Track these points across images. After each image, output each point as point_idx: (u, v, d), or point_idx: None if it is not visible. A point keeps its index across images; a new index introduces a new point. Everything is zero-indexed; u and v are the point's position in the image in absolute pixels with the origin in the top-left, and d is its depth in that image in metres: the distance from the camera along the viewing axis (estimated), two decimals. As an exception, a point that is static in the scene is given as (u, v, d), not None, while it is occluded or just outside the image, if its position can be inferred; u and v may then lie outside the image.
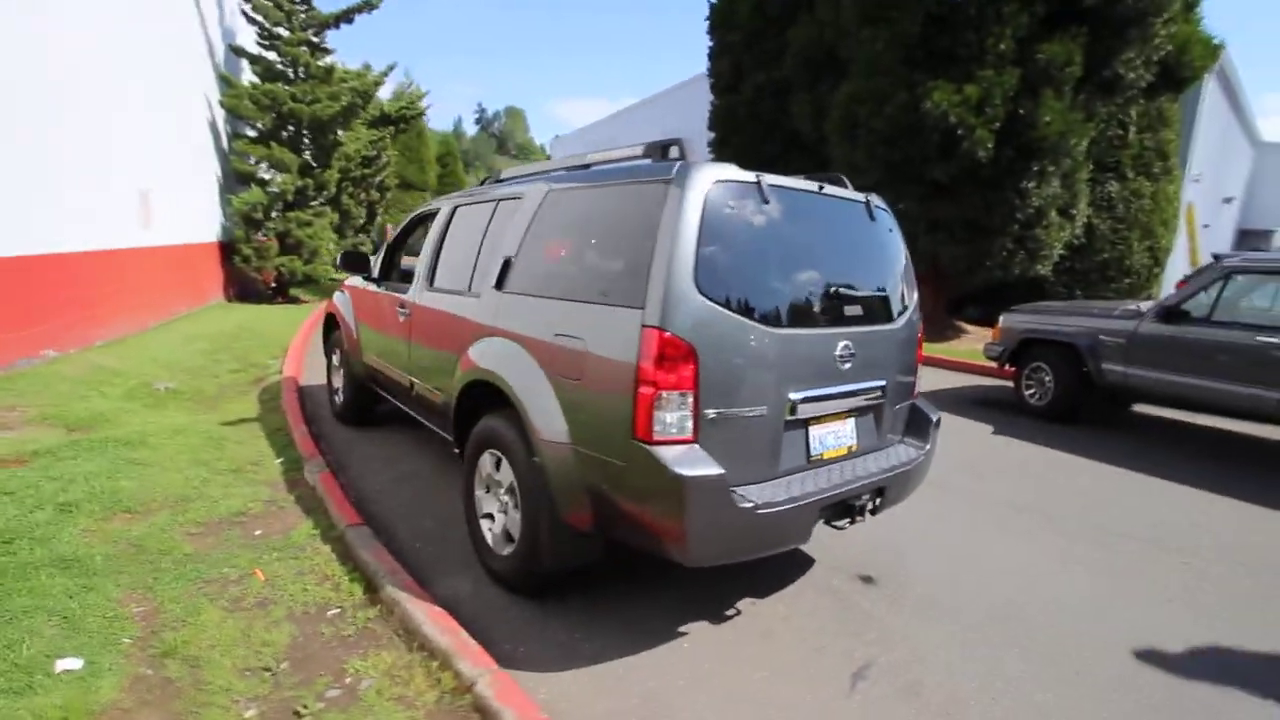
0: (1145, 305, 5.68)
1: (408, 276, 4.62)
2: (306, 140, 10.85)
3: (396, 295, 3.98)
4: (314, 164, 10.94)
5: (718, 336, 2.14)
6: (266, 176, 10.78)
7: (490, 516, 2.90)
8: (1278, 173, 18.89)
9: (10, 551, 2.70)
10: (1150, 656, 2.57)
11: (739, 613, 2.75)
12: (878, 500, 2.60)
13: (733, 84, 12.11)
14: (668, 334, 2.06)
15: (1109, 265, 10.58)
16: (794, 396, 2.35)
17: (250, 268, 10.70)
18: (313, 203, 11.18)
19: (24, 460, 3.68)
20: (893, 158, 9.01)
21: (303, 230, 10.91)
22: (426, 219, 4.27)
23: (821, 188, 2.71)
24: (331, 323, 5.24)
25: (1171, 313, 5.31)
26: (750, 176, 2.38)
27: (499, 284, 2.86)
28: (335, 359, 5.12)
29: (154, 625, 2.37)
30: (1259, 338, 4.79)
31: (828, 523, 2.46)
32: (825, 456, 2.53)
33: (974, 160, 8.55)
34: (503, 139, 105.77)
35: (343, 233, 12.40)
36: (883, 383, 2.72)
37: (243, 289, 11.41)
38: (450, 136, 38.99)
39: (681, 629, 2.62)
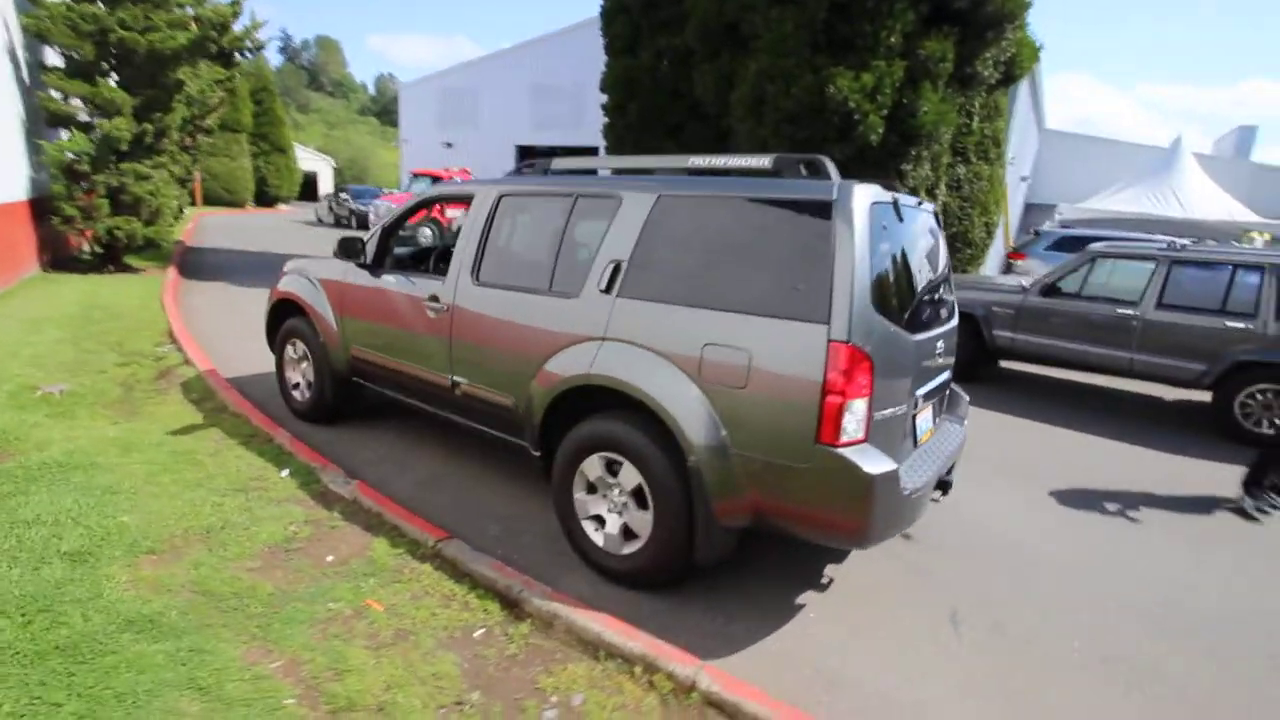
0: (1028, 281, 6.83)
1: (407, 265, 4.27)
2: (139, 78, 9.02)
3: (417, 287, 3.67)
4: (152, 107, 9.14)
5: (882, 345, 2.36)
6: (89, 120, 8.85)
7: (598, 518, 2.93)
8: (1057, 155, 22.93)
9: (60, 622, 2.24)
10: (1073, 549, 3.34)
11: (832, 580, 3.08)
12: (951, 472, 3.04)
13: (630, 47, 12.01)
14: (853, 347, 2.25)
15: (956, 239, 12.30)
16: (919, 393, 2.67)
17: (73, 230, 8.83)
18: (152, 154, 9.39)
19: (-44, 502, 2.95)
20: (798, 136, 9.62)
21: (141, 185, 9.17)
22: (432, 205, 3.94)
23: (920, 202, 2.99)
24: (282, 311, 4.65)
25: (1050, 289, 6.47)
26: (888, 196, 2.59)
27: (608, 288, 2.81)
28: (292, 351, 4.57)
29: (305, 680, 2.14)
30: (1116, 310, 6.03)
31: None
32: (922, 441, 2.90)
33: (866, 143, 9.44)
34: (314, 72, 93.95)
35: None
36: (950, 372, 3.14)
37: (57, 257, 9.40)
38: (264, 68, 33.98)
39: (798, 601, 2.89)
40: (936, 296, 2.99)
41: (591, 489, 2.94)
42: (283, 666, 2.18)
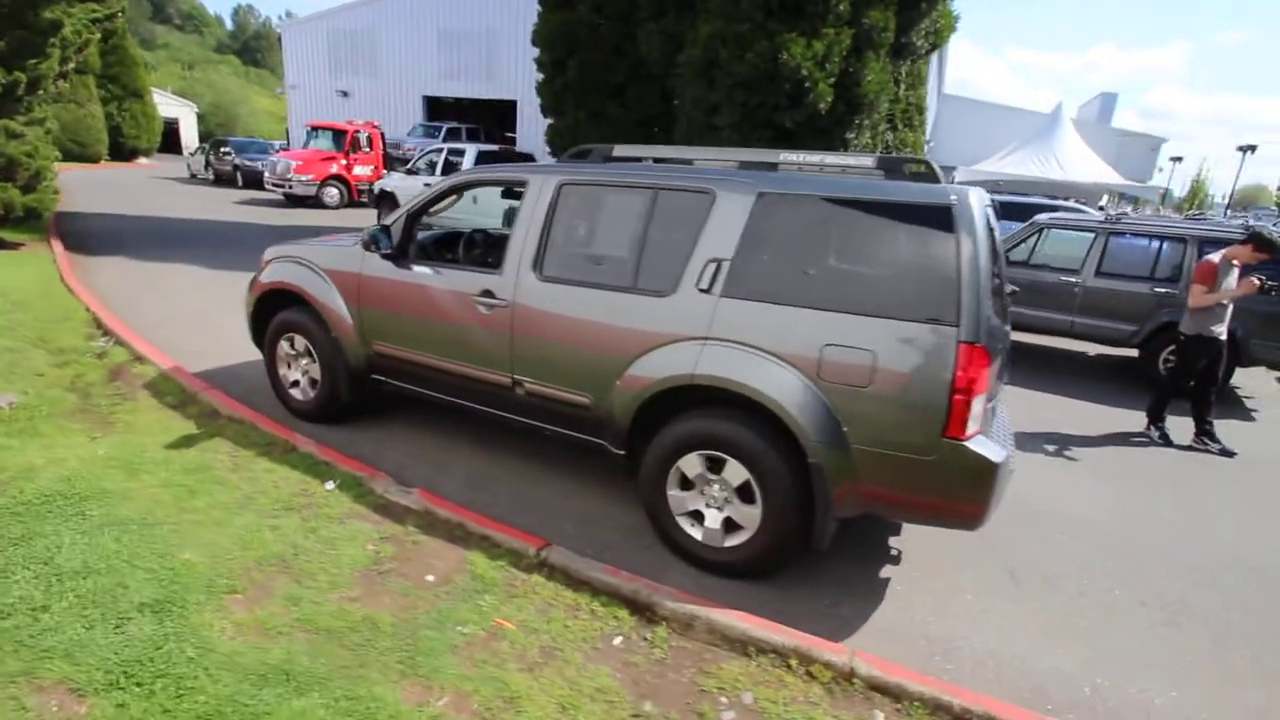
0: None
1: (437, 254, 4.00)
2: (3, 20, 7.57)
3: (462, 281, 3.45)
4: (21, 53, 7.72)
5: (991, 339, 2.52)
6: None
7: (696, 514, 2.98)
8: (952, 119, 24.42)
9: (189, 687, 2.01)
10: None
11: (900, 552, 3.32)
12: None
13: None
14: (980, 347, 2.39)
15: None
16: (1004, 379, 2.88)
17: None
18: (26, 108, 7.99)
19: (-34, 553, 2.53)
20: (750, 102, 9.67)
21: (15, 146, 7.82)
22: (463, 190, 3.69)
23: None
24: (271, 303, 4.23)
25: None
26: (988, 197, 2.71)
27: (709, 288, 2.78)
28: (289, 346, 4.19)
29: (479, 713, 2.07)
30: (1061, 276, 6.67)
31: None
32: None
33: (815, 111, 9.65)
34: (159, 1, 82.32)
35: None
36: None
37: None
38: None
39: (882, 575, 3.11)
40: (1002, 282, 3.21)
41: (686, 485, 2.98)
42: (451, 702, 2.10)
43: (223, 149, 21.89)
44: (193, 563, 2.60)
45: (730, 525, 2.91)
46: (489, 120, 22.02)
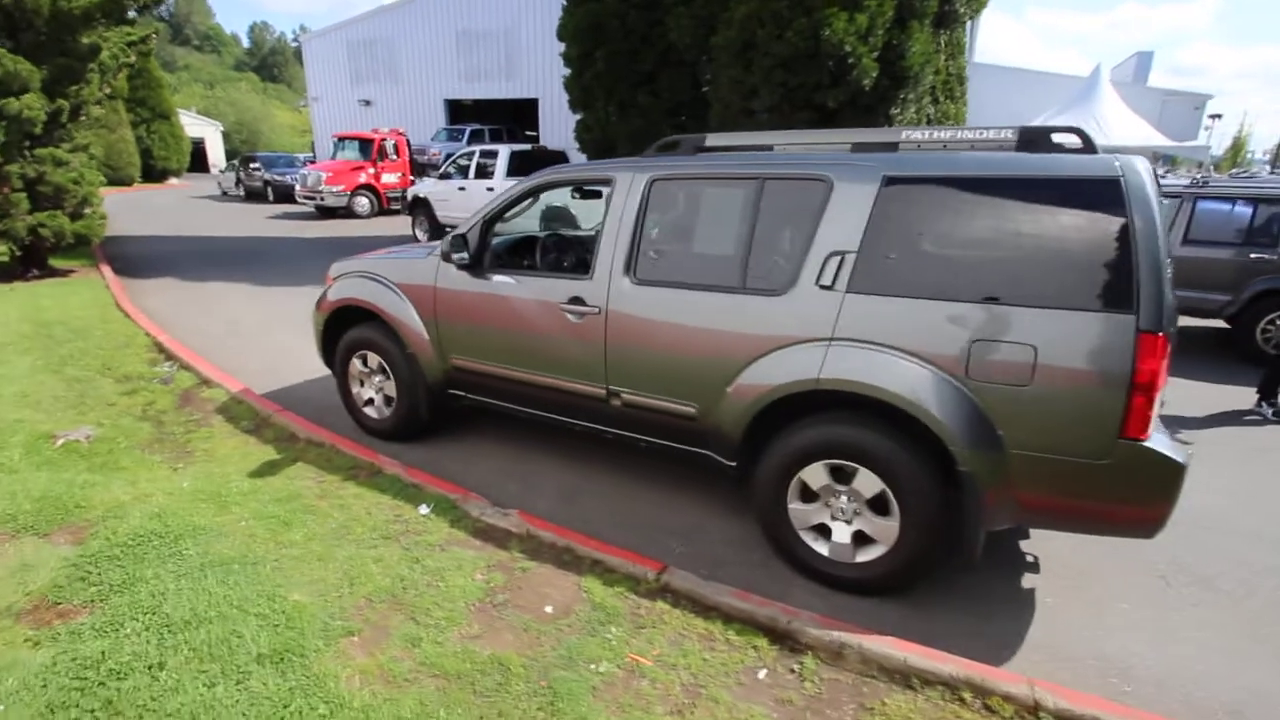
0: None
1: (515, 262, 3.83)
2: (44, 46, 7.59)
3: (546, 288, 3.27)
4: (63, 79, 7.74)
5: (1169, 325, 2.25)
6: (-16, 96, 7.40)
7: (821, 528, 2.76)
8: (984, 87, 23.58)
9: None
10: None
11: (1037, 559, 3.06)
12: None
13: (594, -9, 11.19)
14: (1162, 335, 2.13)
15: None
16: None
17: (-15, 232, 7.51)
18: (70, 135, 8.02)
19: (75, 609, 2.42)
20: (790, 83, 9.34)
21: (62, 173, 7.86)
22: (541, 191, 3.49)
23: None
24: (341, 320, 4.10)
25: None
26: (1150, 165, 2.43)
27: (832, 283, 2.55)
28: (361, 364, 4.06)
29: (638, 766, 1.89)
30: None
31: None
32: None
33: (859, 88, 9.28)
34: (177, 25, 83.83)
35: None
36: None
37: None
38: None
39: (1025, 586, 2.86)
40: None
41: (807, 497, 2.76)
42: (605, 755, 1.92)
43: (252, 165, 22.15)
44: (303, 604, 2.46)
45: (861, 539, 2.69)
46: (510, 120, 21.88)
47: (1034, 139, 2.48)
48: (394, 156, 17.94)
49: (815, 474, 2.69)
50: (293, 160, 22.91)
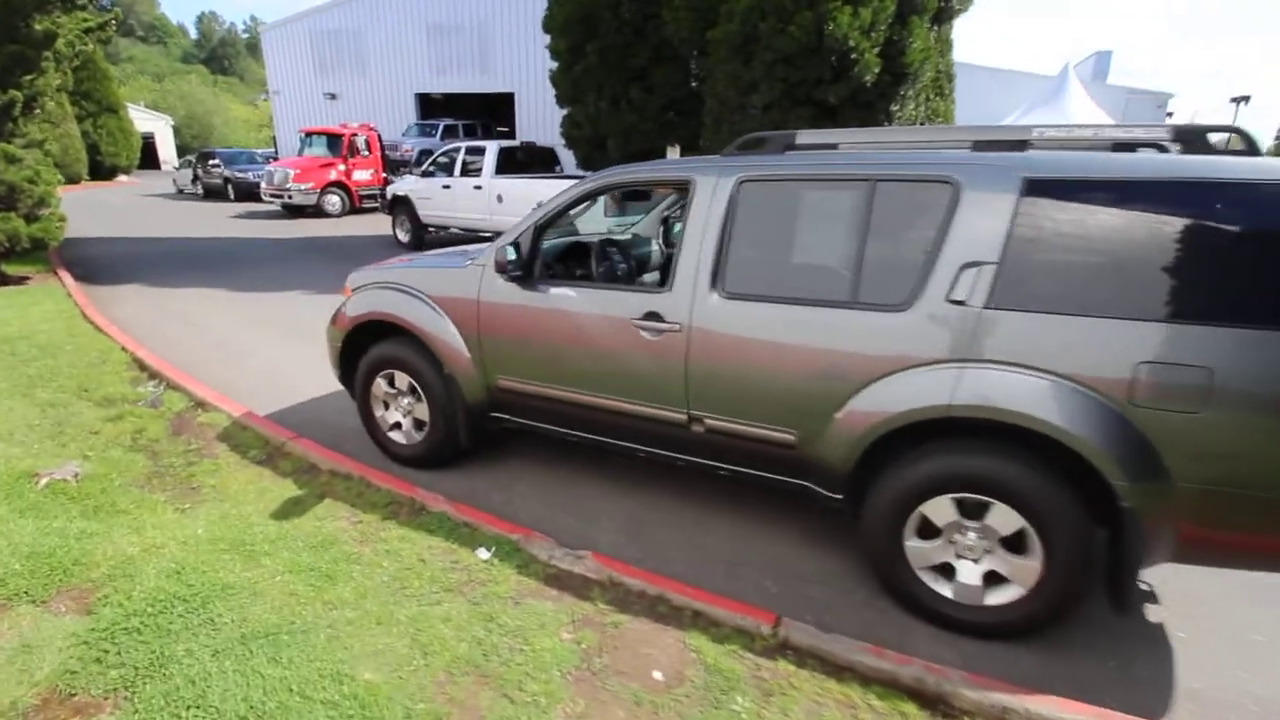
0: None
1: (571, 272, 3.49)
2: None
3: (615, 302, 2.94)
4: (15, 68, 7.03)
5: None
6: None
7: (944, 567, 2.51)
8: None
9: None
10: None
11: (1151, 587, 2.86)
12: None
13: (584, -19, 10.79)
14: (1363, 355, 1.92)
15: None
16: None
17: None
18: (21, 130, 7.31)
19: (95, 702, 2.01)
20: (791, 78, 9.12)
21: (15, 172, 7.17)
22: (601, 193, 3.16)
23: None
24: (363, 336, 3.70)
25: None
26: None
27: (966, 299, 2.29)
28: (387, 385, 3.66)
29: None
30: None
31: None
32: None
33: (861, 83, 9.11)
34: (120, 15, 79.89)
35: None
36: None
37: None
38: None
39: (1150, 620, 2.65)
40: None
41: (927, 533, 2.50)
42: None
43: (210, 161, 21.06)
44: (375, 685, 2.09)
45: (991, 579, 2.44)
46: (484, 115, 21.27)
47: (1190, 137, 2.25)
48: (366, 152, 17.20)
49: (940, 509, 2.43)
50: (254, 156, 21.87)
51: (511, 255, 3.03)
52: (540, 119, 18.48)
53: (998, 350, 2.25)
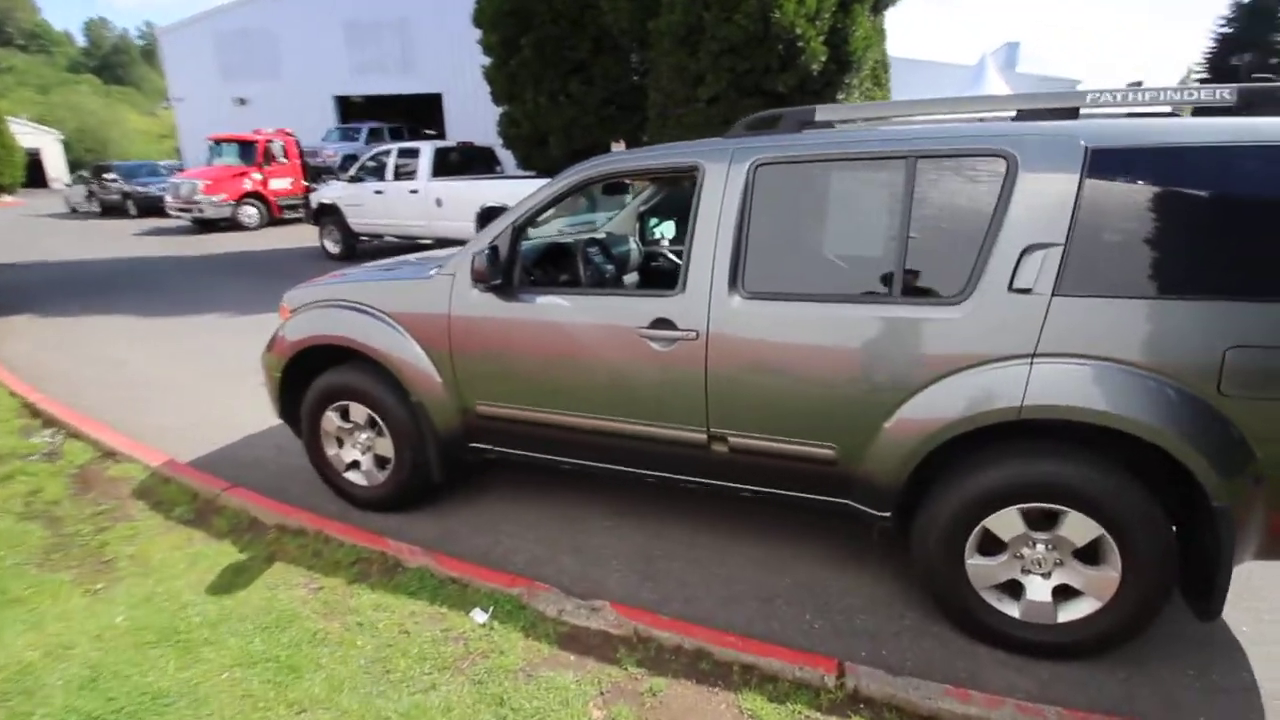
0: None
1: (541, 280, 3.07)
2: None
3: (616, 310, 2.56)
4: None
5: None
6: None
7: (1009, 585, 2.24)
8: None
9: None
10: None
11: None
12: None
13: (516, -28, 10.28)
14: None
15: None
16: None
17: None
18: None
19: None
20: (739, 68, 8.91)
21: None
22: (587, 186, 2.75)
23: None
24: (306, 363, 3.17)
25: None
26: None
27: (1030, 285, 2.02)
28: (340, 418, 3.15)
29: None
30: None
31: None
32: None
33: (808, 72, 8.99)
34: (-5, 21, 72.97)
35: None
36: None
37: None
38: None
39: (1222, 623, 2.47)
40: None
41: (990, 549, 2.23)
42: None
43: (106, 175, 19.29)
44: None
45: (1062, 594, 2.20)
46: (410, 117, 20.28)
47: (1259, 98, 2.05)
48: (283, 159, 16.05)
49: (1006, 522, 2.16)
50: (157, 169, 20.18)
51: (491, 262, 2.58)
52: (472, 120, 17.70)
53: (1070, 342, 1.99)
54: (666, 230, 4.64)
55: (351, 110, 21.35)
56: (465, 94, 18.10)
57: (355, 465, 3.22)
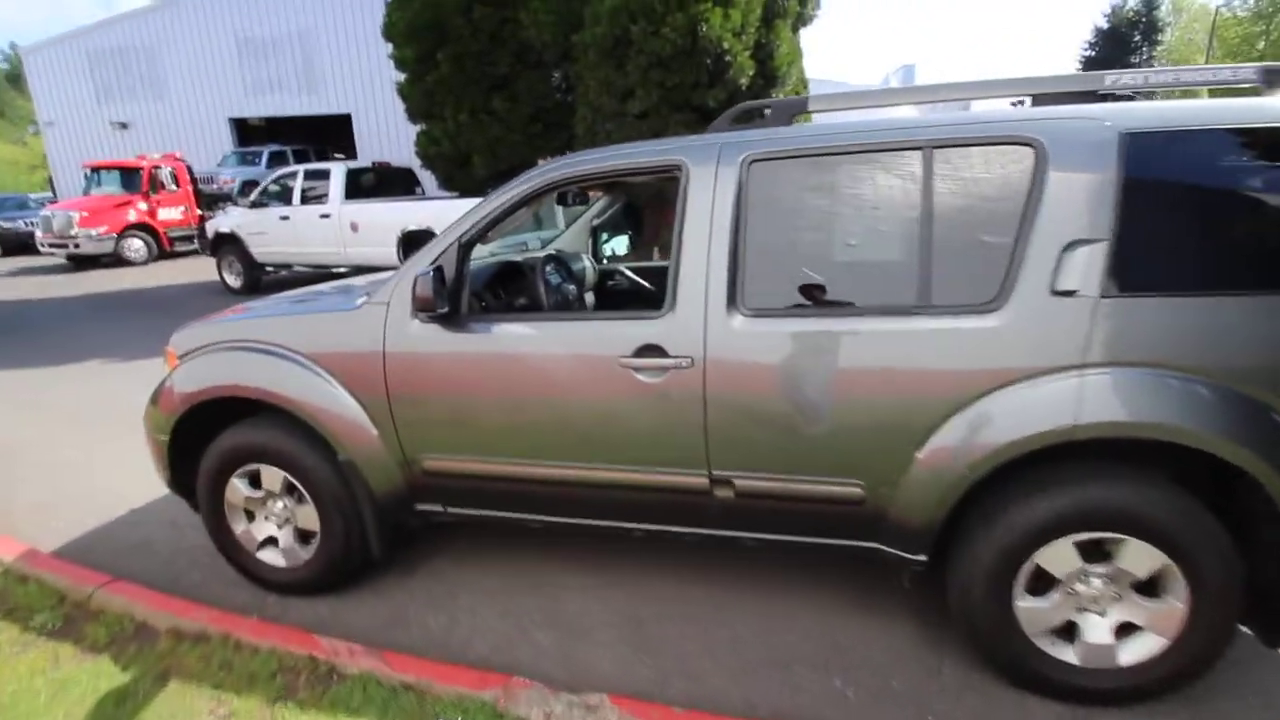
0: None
1: (494, 305, 2.63)
2: None
3: (597, 336, 2.16)
4: None
5: None
6: None
7: (1066, 628, 1.98)
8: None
9: None
10: None
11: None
12: None
13: (426, -18, 9.77)
14: None
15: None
16: None
17: None
18: None
19: None
20: (667, 82, 8.73)
21: None
22: (547, 192, 2.34)
23: None
24: (204, 421, 2.59)
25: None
26: None
27: (1075, 287, 1.77)
28: (248, 487, 2.59)
29: None
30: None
31: None
32: None
33: (737, 87, 8.94)
34: None
35: None
36: None
37: None
38: None
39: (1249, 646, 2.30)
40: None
41: (1039, 588, 1.97)
42: None
43: (-38, 210, 17.06)
44: None
45: (1123, 632, 1.95)
46: (314, 139, 19.12)
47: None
48: (172, 187, 14.65)
49: (1059, 555, 1.90)
50: (25, 202, 18.09)
51: (436, 286, 2.12)
52: (385, 141, 16.90)
53: (1124, 349, 1.76)
54: (618, 246, 4.28)
55: (251, 134, 19.94)
56: (376, 114, 17.30)
57: (271, 542, 2.65)
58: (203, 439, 2.60)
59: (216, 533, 2.68)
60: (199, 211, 14.60)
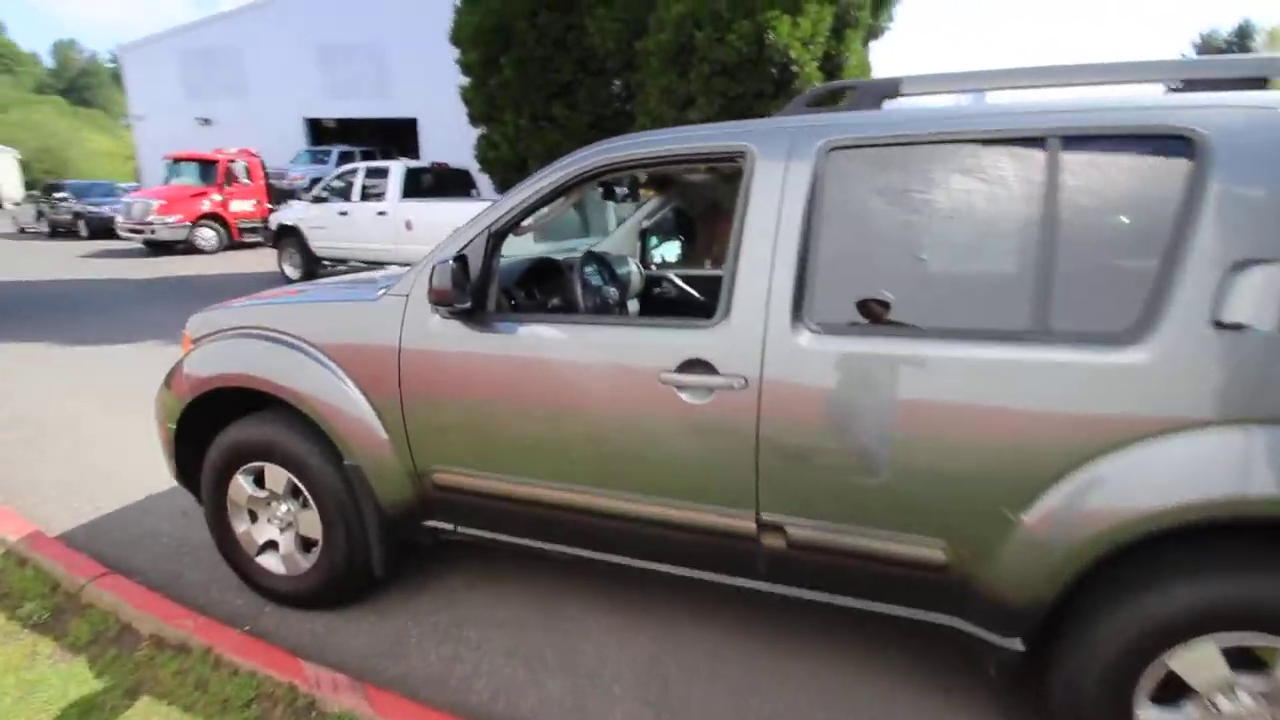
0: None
1: (524, 304, 2.37)
2: None
3: (637, 346, 1.87)
4: None
5: None
6: None
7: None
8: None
9: None
10: None
11: None
12: None
13: (494, -11, 9.81)
14: None
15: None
16: None
17: None
18: None
19: None
20: (731, 91, 8.46)
21: None
22: (590, 179, 2.07)
23: None
24: (214, 409, 2.41)
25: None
26: None
27: (1245, 320, 1.39)
28: (252, 486, 2.39)
29: None
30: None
31: None
32: None
33: (803, 97, 8.60)
34: (-45, 40, 71.23)
35: None
36: None
37: None
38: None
39: None
40: None
41: (1167, 697, 1.56)
42: None
43: (57, 194, 18.19)
44: None
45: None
46: (383, 141, 19.65)
47: None
48: (245, 180, 15.21)
49: (1199, 660, 1.49)
50: (113, 189, 19.13)
51: (458, 277, 1.87)
52: (447, 146, 17.08)
53: (1311, 398, 1.36)
54: (668, 253, 4.00)
55: (324, 134, 20.67)
56: (440, 119, 17.55)
57: (272, 546, 2.44)
58: (211, 429, 2.43)
59: (217, 532, 2.49)
60: (269, 205, 15.11)
